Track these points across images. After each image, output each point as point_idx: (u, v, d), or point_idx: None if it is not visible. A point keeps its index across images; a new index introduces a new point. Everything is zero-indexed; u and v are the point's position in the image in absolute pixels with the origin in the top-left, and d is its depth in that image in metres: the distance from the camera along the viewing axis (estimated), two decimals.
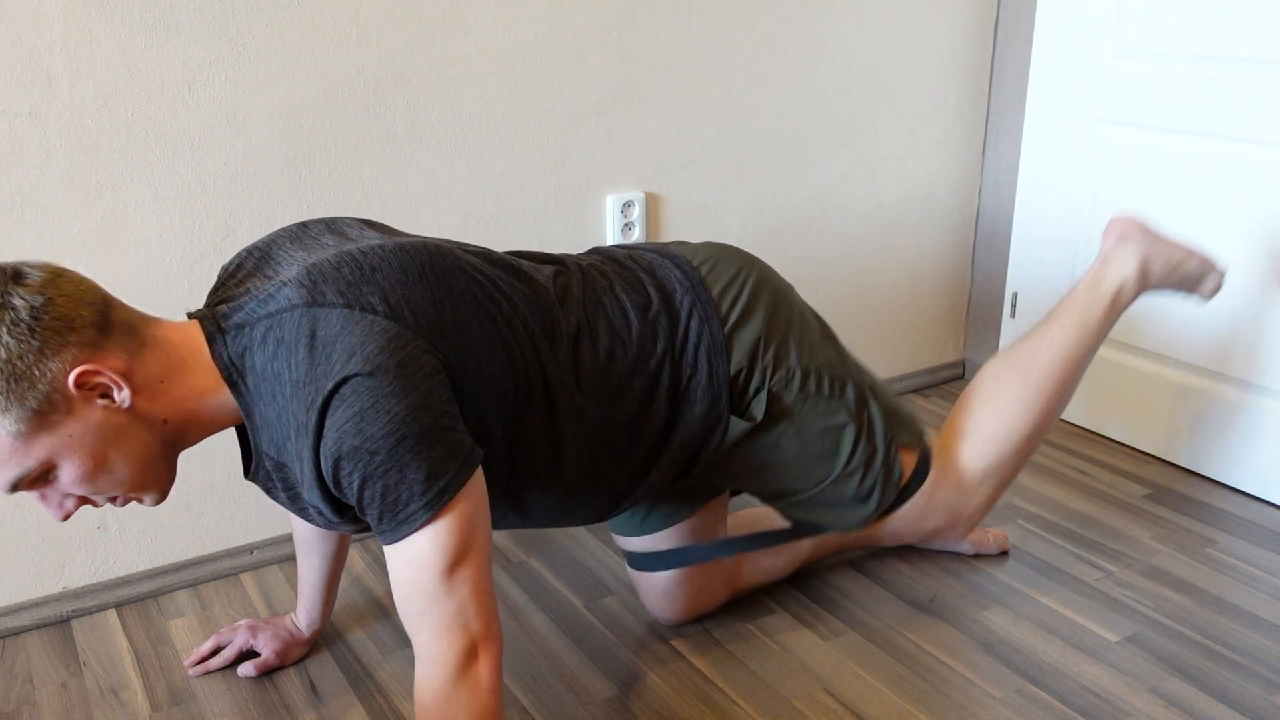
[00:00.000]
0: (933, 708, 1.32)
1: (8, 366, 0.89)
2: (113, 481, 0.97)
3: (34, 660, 1.44)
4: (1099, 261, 1.43)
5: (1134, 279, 1.39)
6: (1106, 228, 1.46)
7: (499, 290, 1.08)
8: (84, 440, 0.93)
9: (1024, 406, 1.33)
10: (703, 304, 1.22)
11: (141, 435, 0.97)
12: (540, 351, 1.08)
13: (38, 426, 0.91)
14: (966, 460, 1.35)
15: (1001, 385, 1.35)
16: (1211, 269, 1.47)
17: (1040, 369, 1.33)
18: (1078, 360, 1.34)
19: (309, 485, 0.99)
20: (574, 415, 1.12)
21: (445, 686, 0.98)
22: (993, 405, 1.34)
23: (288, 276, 1.00)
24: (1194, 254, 1.45)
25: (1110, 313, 1.38)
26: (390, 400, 0.92)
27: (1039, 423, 1.34)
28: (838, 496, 1.30)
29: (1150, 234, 1.43)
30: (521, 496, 1.14)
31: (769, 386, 1.23)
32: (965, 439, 1.35)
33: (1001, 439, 1.34)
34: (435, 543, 0.96)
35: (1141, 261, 1.39)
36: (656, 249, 1.29)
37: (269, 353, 0.97)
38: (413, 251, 1.04)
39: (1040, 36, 2.06)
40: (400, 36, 1.55)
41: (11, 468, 0.92)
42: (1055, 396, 1.34)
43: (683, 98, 1.83)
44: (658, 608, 1.46)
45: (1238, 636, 1.45)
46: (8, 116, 1.33)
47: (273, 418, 0.99)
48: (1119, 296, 1.38)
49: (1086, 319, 1.37)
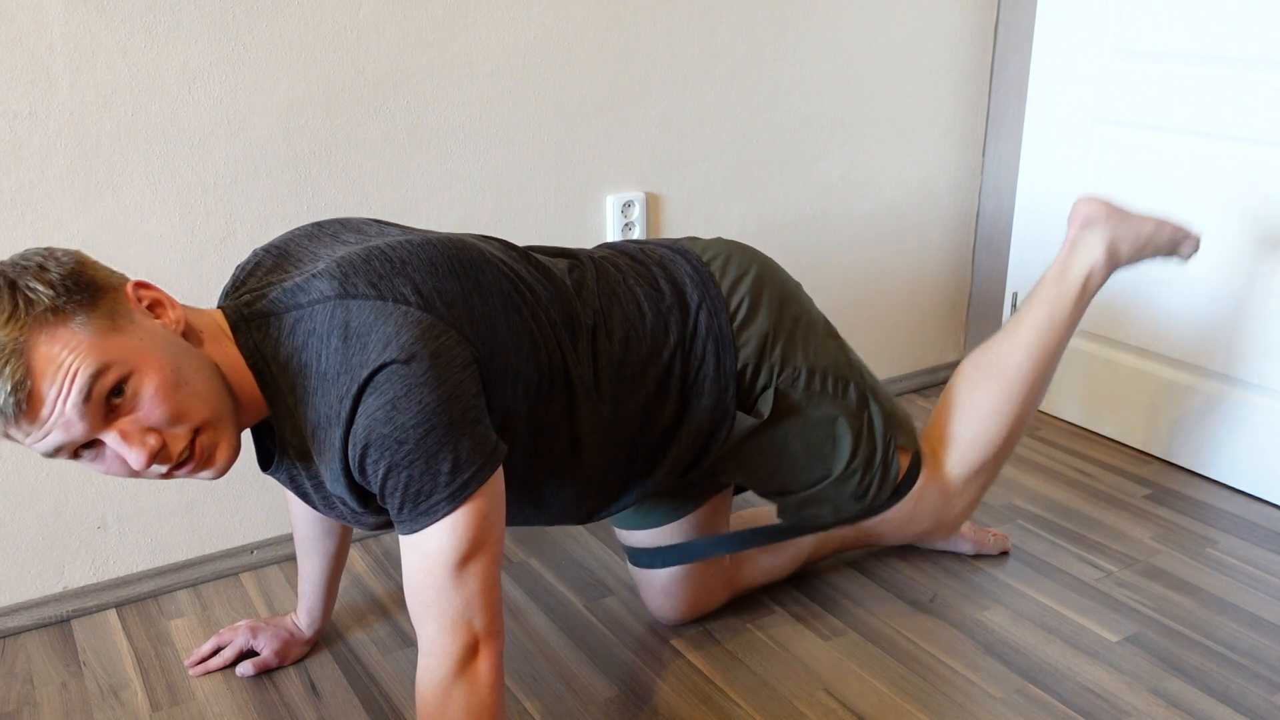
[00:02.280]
0: (933, 708, 1.32)
1: (75, 275, 0.90)
2: (191, 398, 0.92)
3: (34, 660, 1.44)
4: (1065, 248, 1.41)
5: (1102, 263, 1.37)
6: (1071, 212, 1.43)
7: (523, 282, 1.09)
8: (155, 349, 0.92)
9: (1001, 410, 1.33)
10: (711, 298, 1.22)
11: (204, 361, 0.95)
12: (562, 343, 1.09)
13: (110, 326, 0.90)
14: (950, 466, 1.37)
15: (978, 389, 1.35)
16: (1185, 235, 1.44)
17: (1014, 369, 1.33)
18: (1051, 354, 1.34)
19: (334, 476, 0.99)
20: (592, 406, 1.13)
21: (445, 681, 0.99)
22: (971, 410, 1.34)
23: (316, 270, 1.00)
24: (1164, 224, 1.42)
25: (1080, 300, 1.37)
26: (423, 390, 0.93)
27: (1017, 423, 1.35)
28: (838, 493, 1.31)
29: (1116, 213, 1.41)
30: (540, 488, 1.15)
31: (776, 384, 1.24)
32: (947, 445, 1.36)
33: (982, 444, 1.34)
34: (451, 536, 0.97)
35: (1109, 244, 1.37)
36: (668, 244, 1.30)
37: (298, 343, 0.97)
38: (439, 245, 1.04)
39: (1040, 37, 2.06)
40: (400, 36, 1.55)
41: (91, 359, 0.87)
42: (1031, 395, 1.34)
43: (683, 98, 1.83)
44: (658, 606, 1.47)
45: (1238, 636, 1.45)
46: (8, 116, 1.33)
47: (297, 408, 0.99)
48: (1088, 283, 1.37)
49: (1056, 311, 1.35)
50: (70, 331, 0.88)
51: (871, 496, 1.32)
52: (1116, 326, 2.03)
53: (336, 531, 1.37)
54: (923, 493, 1.35)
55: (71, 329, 0.88)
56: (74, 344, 0.87)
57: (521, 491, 1.14)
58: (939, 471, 1.37)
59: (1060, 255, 1.41)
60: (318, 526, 1.35)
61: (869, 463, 1.30)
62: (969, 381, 1.38)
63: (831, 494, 1.31)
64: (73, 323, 0.88)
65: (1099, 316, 2.05)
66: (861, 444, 1.29)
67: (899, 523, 1.38)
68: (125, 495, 1.53)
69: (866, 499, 1.32)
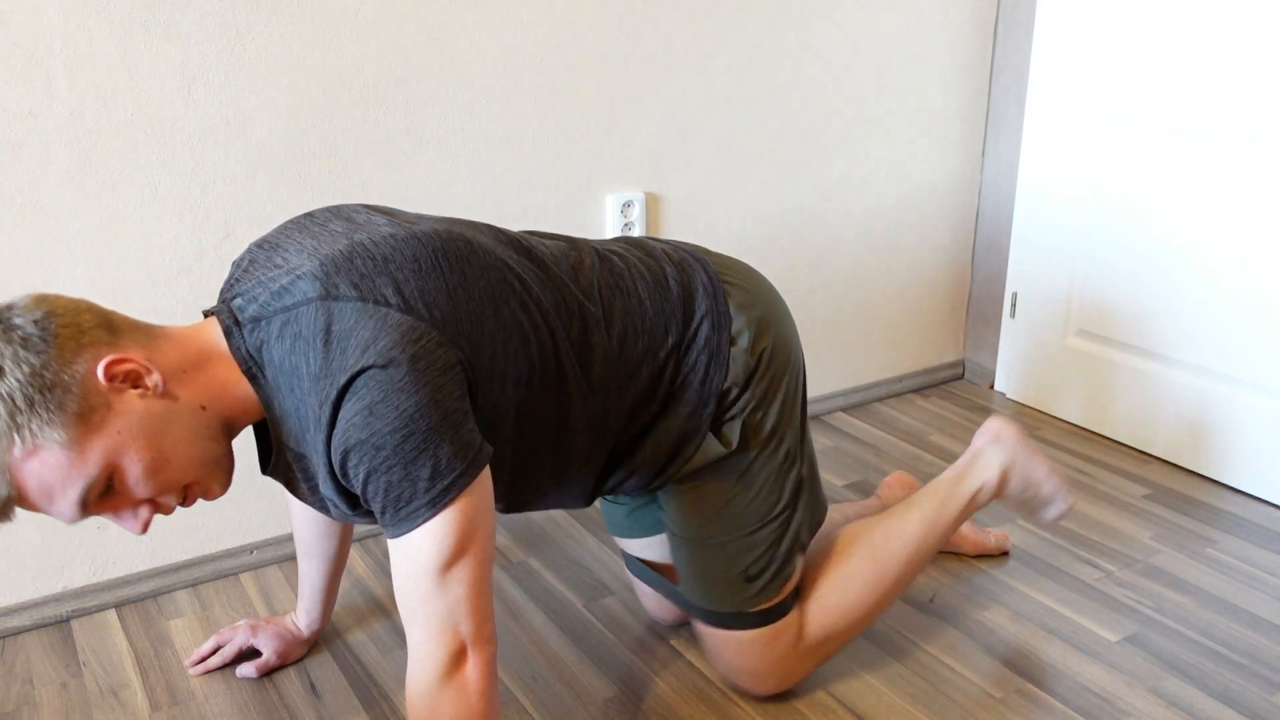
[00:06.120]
0: (933, 708, 1.32)
1: (36, 380, 0.88)
2: (175, 471, 0.96)
3: (34, 660, 1.44)
4: (968, 457, 1.44)
5: (993, 485, 1.41)
6: (982, 427, 1.48)
7: (511, 271, 1.08)
8: (134, 433, 0.92)
9: (870, 587, 1.33)
10: (718, 313, 1.22)
11: (187, 419, 0.96)
12: (554, 331, 1.09)
13: (85, 430, 0.90)
14: (809, 619, 1.32)
15: (855, 559, 1.34)
16: (1063, 499, 1.46)
17: (891, 555, 1.34)
18: (924, 553, 1.36)
19: (323, 478, 0.99)
20: (582, 396, 1.12)
21: (432, 687, 0.98)
22: (842, 576, 1.33)
23: (301, 268, 1.00)
24: (1053, 477, 1.45)
25: (966, 510, 1.40)
26: (400, 395, 0.92)
27: (876, 606, 1.34)
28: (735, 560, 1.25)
29: (1021, 445, 1.44)
30: (525, 479, 1.14)
31: (744, 419, 1.23)
32: (810, 600, 1.32)
33: (839, 613, 1.32)
34: (434, 540, 0.96)
35: (1004, 470, 1.41)
36: (690, 249, 1.29)
37: (286, 346, 0.98)
38: (425, 239, 1.03)
39: (1040, 36, 2.06)
40: (400, 36, 1.55)
41: (76, 481, 0.91)
42: (897, 584, 1.34)
43: (683, 98, 1.83)
44: (653, 609, 1.48)
45: (1238, 636, 1.45)
46: (8, 116, 1.33)
47: (291, 410, 0.99)
48: (976, 497, 1.40)
49: (941, 513, 1.38)
50: (45, 452, 0.89)
51: (760, 588, 1.26)
52: (1116, 326, 2.03)
53: (336, 534, 1.37)
54: (782, 631, 1.29)
55: (46, 448, 0.89)
56: (53, 464, 0.89)
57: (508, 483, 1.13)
58: (803, 618, 1.32)
59: (962, 460, 1.44)
60: (318, 529, 1.35)
61: (775, 543, 1.26)
62: (848, 547, 1.36)
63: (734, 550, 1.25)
64: (44, 440, 0.88)
65: (1099, 316, 2.06)
66: (778, 521, 1.26)
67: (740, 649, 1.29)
68: None
69: (754, 586, 1.26)
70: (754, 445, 1.24)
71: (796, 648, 1.30)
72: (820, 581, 1.33)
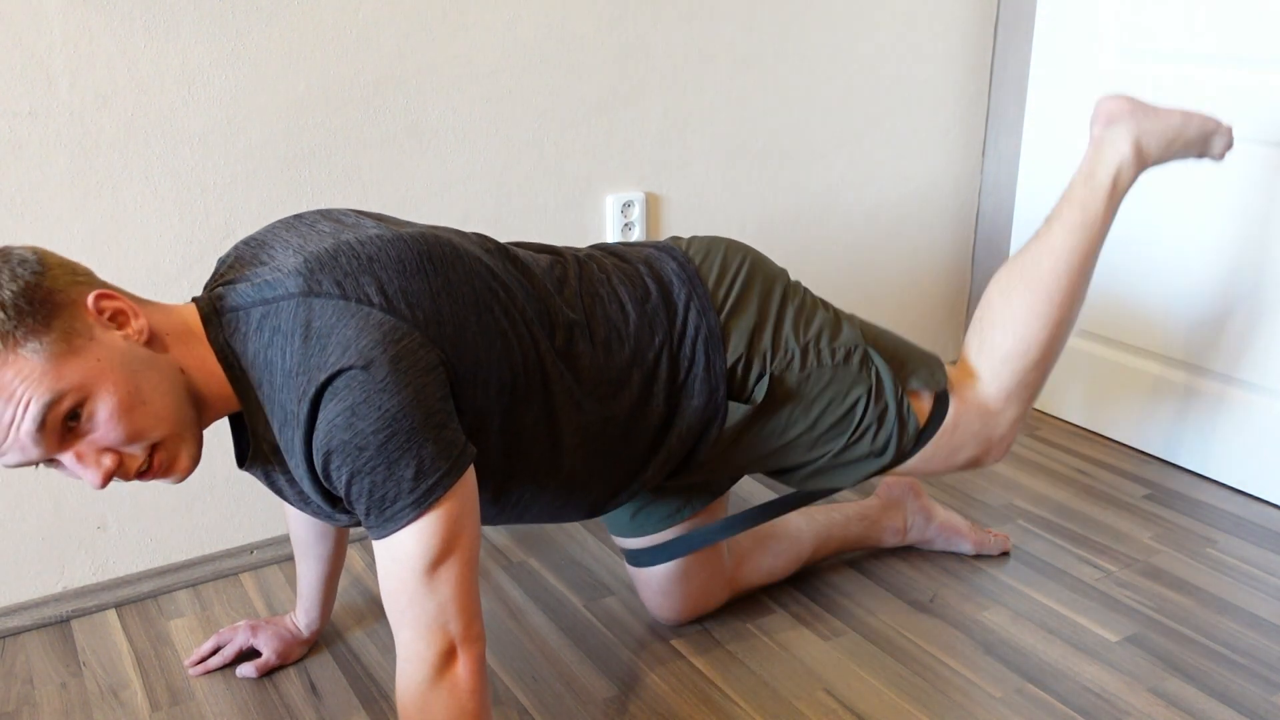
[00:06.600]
0: (933, 708, 1.32)
1: (28, 292, 0.89)
2: (148, 418, 0.94)
3: (34, 660, 1.44)
4: (1091, 149, 1.36)
5: (1130, 161, 1.32)
6: (1094, 111, 1.39)
7: (496, 280, 1.07)
8: (114, 365, 0.92)
9: (1036, 318, 1.27)
10: (699, 296, 1.22)
11: (166, 372, 0.96)
12: (538, 342, 1.08)
13: (65, 349, 0.90)
14: (986, 384, 1.31)
15: (1011, 300, 1.30)
16: (1216, 127, 1.39)
17: (1047, 275, 1.28)
18: (1085, 258, 1.29)
19: (302, 476, 0.99)
20: (572, 408, 1.12)
21: (422, 687, 0.98)
22: (1004, 323, 1.29)
23: (286, 265, 1.00)
24: (1193, 117, 1.37)
25: (1111, 201, 1.32)
26: (382, 396, 0.92)
27: (1055, 331, 1.28)
28: (851, 457, 1.29)
29: (1140, 108, 1.36)
30: (517, 492, 1.14)
31: (770, 371, 1.23)
32: (982, 363, 1.31)
33: (1018, 356, 1.28)
34: (419, 541, 0.96)
35: (1135, 140, 1.33)
36: (653, 243, 1.30)
37: (264, 339, 0.97)
38: (410, 241, 1.03)
39: (1041, 35, 2.06)
40: (400, 36, 1.55)
41: (44, 388, 0.88)
42: (1068, 301, 1.28)
43: (683, 98, 1.84)
44: (656, 606, 1.46)
45: (1238, 636, 1.45)
46: (8, 116, 1.33)
47: (265, 403, 0.99)
48: (1117, 182, 1.32)
49: (1087, 214, 1.31)
50: (22, 359, 0.88)
51: (894, 450, 1.28)
52: (1116, 326, 2.03)
53: (331, 534, 1.36)
54: (958, 421, 1.30)
55: (24, 356, 0.88)
56: (26, 372, 0.88)
57: (498, 494, 1.13)
58: (974, 391, 1.31)
59: (1086, 156, 1.36)
60: (312, 530, 1.35)
61: (881, 419, 1.27)
62: (999, 295, 1.32)
63: (844, 459, 1.29)
64: (25, 349, 0.88)
65: (1099, 316, 2.06)
66: (870, 404, 1.26)
67: (943, 456, 1.32)
68: (125, 495, 1.53)
69: (887, 453, 1.28)
70: (790, 380, 1.23)
71: (987, 411, 1.29)
72: (985, 338, 1.31)
